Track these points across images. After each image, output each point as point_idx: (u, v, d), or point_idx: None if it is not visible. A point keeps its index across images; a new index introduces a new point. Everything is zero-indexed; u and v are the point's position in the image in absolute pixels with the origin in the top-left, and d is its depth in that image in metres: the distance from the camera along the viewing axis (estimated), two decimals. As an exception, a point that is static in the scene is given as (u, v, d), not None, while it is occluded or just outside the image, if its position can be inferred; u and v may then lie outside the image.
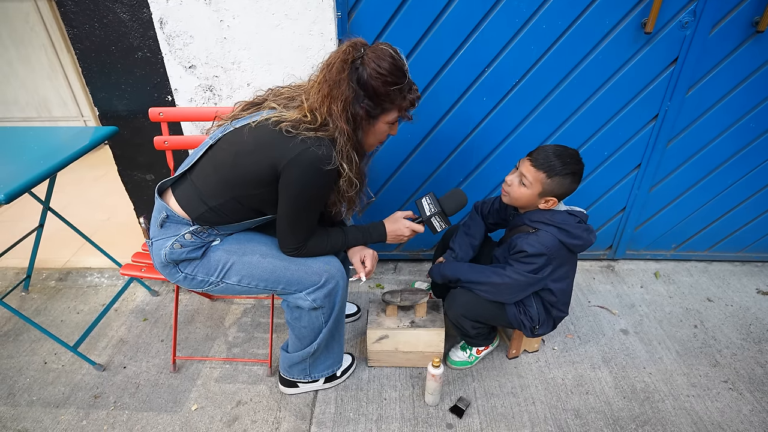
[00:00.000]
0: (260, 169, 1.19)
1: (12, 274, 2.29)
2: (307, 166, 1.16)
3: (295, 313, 1.44)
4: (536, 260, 1.42)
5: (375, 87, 1.17)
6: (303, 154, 1.15)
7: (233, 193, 1.24)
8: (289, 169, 1.17)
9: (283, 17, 1.61)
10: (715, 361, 1.79)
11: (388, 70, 1.17)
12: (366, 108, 1.20)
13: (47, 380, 1.73)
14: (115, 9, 1.64)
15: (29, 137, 1.72)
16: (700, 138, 1.95)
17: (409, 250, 2.30)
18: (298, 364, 1.57)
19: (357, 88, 1.18)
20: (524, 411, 1.60)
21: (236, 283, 1.35)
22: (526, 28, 1.68)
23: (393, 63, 1.17)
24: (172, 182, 1.34)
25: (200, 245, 1.31)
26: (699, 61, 1.75)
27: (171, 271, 1.34)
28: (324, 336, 1.48)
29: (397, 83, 1.19)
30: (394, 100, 1.22)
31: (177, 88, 1.75)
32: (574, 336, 1.90)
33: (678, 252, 2.32)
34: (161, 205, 1.30)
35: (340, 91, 1.16)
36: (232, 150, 1.23)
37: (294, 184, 1.19)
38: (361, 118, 1.21)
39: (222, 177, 1.24)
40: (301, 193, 1.22)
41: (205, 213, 1.27)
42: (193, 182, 1.29)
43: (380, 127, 1.28)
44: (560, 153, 1.39)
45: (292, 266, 1.35)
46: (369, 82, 1.17)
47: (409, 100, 1.25)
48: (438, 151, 1.97)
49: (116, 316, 2.03)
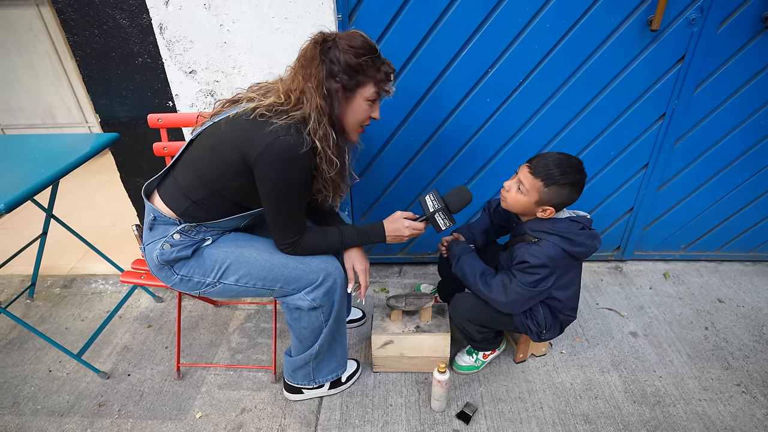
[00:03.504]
0: (233, 161, 1.19)
1: (17, 281, 2.29)
2: (276, 156, 1.15)
3: (294, 314, 1.43)
4: (539, 271, 1.39)
5: (348, 60, 1.18)
6: (272, 144, 1.14)
7: (213, 186, 1.25)
8: (261, 163, 1.16)
9: (283, 20, 1.60)
10: (727, 364, 1.75)
11: (359, 44, 1.19)
12: (341, 82, 1.20)
13: (52, 388, 1.72)
14: (115, 15, 1.64)
15: (30, 145, 1.72)
16: (709, 136, 1.92)
17: (414, 253, 2.28)
18: (302, 368, 1.55)
19: (330, 65, 1.19)
20: (532, 416, 1.57)
21: (234, 282, 1.34)
22: (529, 27, 1.66)
23: (364, 40, 1.21)
24: (157, 183, 1.36)
25: (190, 244, 1.31)
26: (707, 59, 1.72)
27: (166, 274, 1.34)
28: (325, 337, 1.46)
29: (369, 54, 1.20)
30: (367, 72, 1.22)
31: (178, 94, 1.75)
32: (582, 339, 1.88)
33: (687, 252, 2.28)
34: (149, 208, 1.32)
35: (315, 69, 1.18)
36: (209, 144, 1.25)
37: (269, 176, 1.19)
38: (336, 91, 1.21)
39: (200, 170, 1.26)
40: (278, 184, 1.21)
41: (189, 208, 1.28)
42: (176, 179, 1.31)
43: (358, 104, 1.26)
44: (561, 162, 1.35)
45: (290, 264, 1.34)
46: (342, 57, 1.18)
47: (383, 72, 1.24)
48: (443, 153, 1.95)
49: (121, 323, 2.02)
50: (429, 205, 1.42)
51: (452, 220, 1.43)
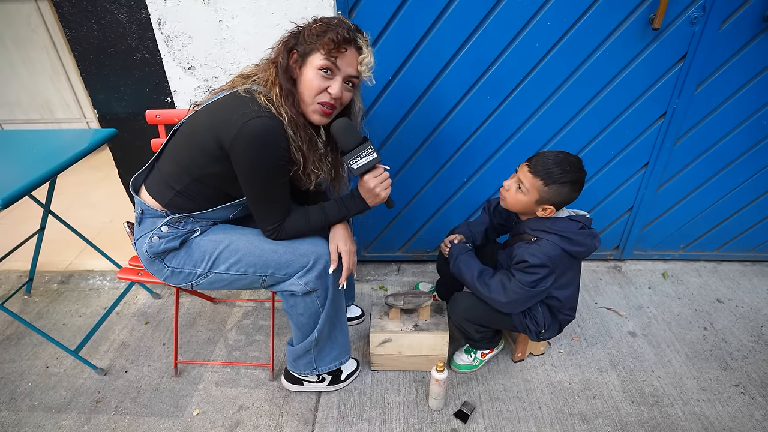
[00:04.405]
0: (209, 146, 1.19)
1: (14, 277, 2.29)
2: (251, 138, 1.14)
3: (290, 300, 1.41)
4: (539, 271, 1.38)
5: (304, 29, 1.19)
6: (244, 127, 1.13)
7: (193, 174, 1.25)
8: (236, 146, 1.16)
9: (283, 16, 1.59)
10: (725, 364, 1.75)
11: (323, 18, 1.19)
12: (297, 52, 1.20)
13: (49, 385, 1.72)
14: (113, 10, 1.62)
15: (27, 141, 1.71)
16: (710, 136, 1.91)
17: (413, 251, 2.28)
18: (303, 357, 1.54)
19: (292, 39, 1.21)
20: (530, 415, 1.57)
21: (224, 271, 1.33)
22: (530, 25, 1.65)
23: (333, 16, 1.21)
24: (144, 177, 1.36)
25: (178, 235, 1.31)
26: (708, 58, 1.71)
27: (158, 267, 1.34)
28: (324, 322, 1.45)
29: (325, 21, 1.18)
30: (317, 39, 1.16)
31: (176, 90, 1.73)
32: (580, 338, 1.87)
33: (687, 252, 2.28)
34: (137, 202, 1.33)
35: (279, 47, 1.21)
36: (188, 130, 1.26)
37: (245, 160, 1.18)
38: (292, 66, 1.21)
39: (179, 158, 1.26)
40: (254, 167, 1.19)
41: (173, 198, 1.29)
42: (159, 170, 1.32)
43: (308, 73, 1.18)
44: (560, 160, 1.35)
45: (280, 249, 1.33)
46: (302, 30, 1.20)
47: (328, 37, 1.14)
48: (441, 152, 1.94)
49: (118, 320, 2.02)
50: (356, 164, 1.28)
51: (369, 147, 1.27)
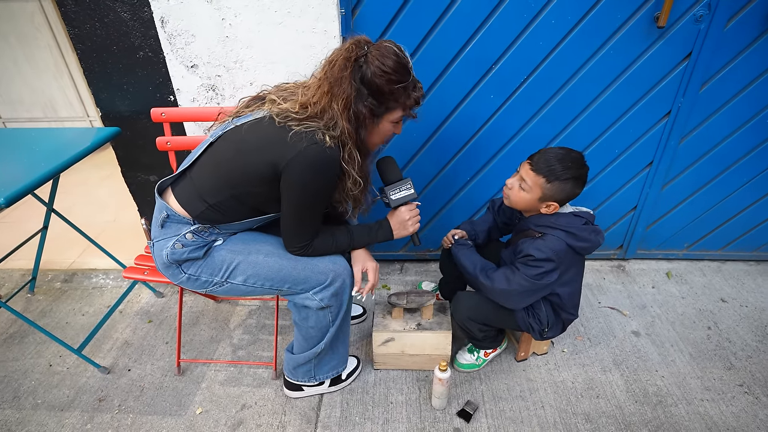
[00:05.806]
0: (260, 167, 1.17)
1: (18, 275, 2.29)
2: (310, 162, 1.14)
3: (302, 313, 1.42)
4: (544, 265, 1.38)
5: (379, 85, 1.15)
6: (304, 152, 1.13)
7: (233, 191, 1.23)
8: (291, 169, 1.14)
9: (286, 15, 1.58)
10: (729, 364, 1.75)
11: (392, 67, 1.14)
12: (370, 107, 1.18)
13: (52, 383, 1.72)
14: (116, 8, 1.62)
15: (30, 139, 1.71)
16: (714, 135, 1.90)
17: (416, 250, 2.27)
18: (303, 366, 1.55)
19: (360, 86, 1.16)
20: (533, 415, 1.57)
21: (241, 283, 1.33)
22: (534, 23, 1.64)
23: (397, 61, 1.15)
24: (171, 181, 1.33)
25: (202, 245, 1.30)
26: (713, 56, 1.70)
27: (174, 272, 1.32)
28: (331, 336, 1.46)
29: (402, 81, 1.17)
30: (398, 99, 1.19)
31: (179, 88, 1.73)
32: (584, 338, 1.87)
33: (691, 251, 2.27)
34: (162, 205, 1.29)
35: (342, 89, 1.14)
36: (233, 147, 1.22)
37: (296, 183, 1.17)
38: (364, 117, 1.18)
39: (222, 174, 1.23)
40: (305, 191, 1.19)
41: (205, 211, 1.26)
42: (193, 180, 1.28)
43: (384, 126, 1.25)
44: (562, 157, 1.35)
45: (299, 265, 1.33)
46: (373, 80, 1.15)
47: (413, 98, 1.22)
48: (444, 151, 1.94)
49: (121, 318, 2.02)
50: (395, 195, 1.40)
51: (408, 183, 1.42)
